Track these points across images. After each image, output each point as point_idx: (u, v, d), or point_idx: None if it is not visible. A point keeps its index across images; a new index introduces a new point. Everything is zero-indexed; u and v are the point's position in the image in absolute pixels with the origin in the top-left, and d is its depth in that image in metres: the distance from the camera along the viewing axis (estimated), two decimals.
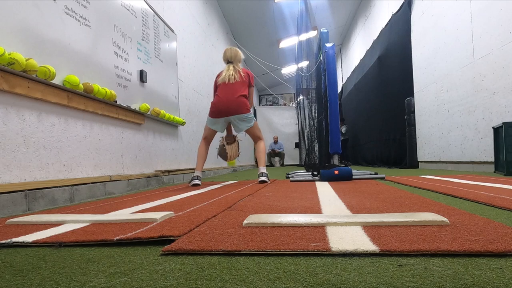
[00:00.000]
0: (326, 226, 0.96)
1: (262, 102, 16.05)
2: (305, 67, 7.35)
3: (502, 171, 3.18)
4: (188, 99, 4.94)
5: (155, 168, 3.51)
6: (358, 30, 9.55)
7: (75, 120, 2.23)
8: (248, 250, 0.75)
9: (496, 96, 3.54)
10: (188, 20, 5.18)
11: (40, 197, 1.83)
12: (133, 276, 0.64)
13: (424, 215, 1.01)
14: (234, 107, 3.03)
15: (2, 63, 1.58)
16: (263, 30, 9.28)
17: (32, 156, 1.83)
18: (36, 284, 0.61)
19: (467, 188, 1.94)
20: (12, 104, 1.72)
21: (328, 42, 3.69)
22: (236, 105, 3.03)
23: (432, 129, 5.10)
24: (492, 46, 3.56)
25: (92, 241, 0.90)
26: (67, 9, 2.14)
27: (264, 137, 14.68)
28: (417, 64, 5.50)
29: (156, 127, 3.62)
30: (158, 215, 1.18)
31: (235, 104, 3.03)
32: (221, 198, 1.82)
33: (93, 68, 2.40)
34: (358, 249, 0.72)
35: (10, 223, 1.22)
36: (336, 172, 3.03)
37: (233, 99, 3.03)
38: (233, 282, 0.58)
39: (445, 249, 0.70)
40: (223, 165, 6.90)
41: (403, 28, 5.89)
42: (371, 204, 1.42)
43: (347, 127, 10.28)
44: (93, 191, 2.32)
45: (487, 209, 1.24)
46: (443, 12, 4.57)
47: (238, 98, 3.03)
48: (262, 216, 1.08)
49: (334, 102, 3.34)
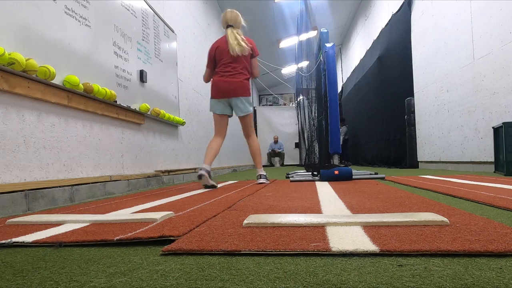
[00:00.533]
0: (326, 226, 0.96)
1: (262, 102, 16.05)
2: (305, 67, 7.35)
3: (502, 171, 3.18)
4: (188, 99, 4.94)
5: (155, 168, 3.51)
6: (358, 30, 9.55)
7: (75, 120, 2.23)
8: (248, 250, 0.75)
9: (496, 96, 3.54)
10: (188, 20, 5.18)
11: (40, 197, 1.83)
12: (133, 276, 0.64)
13: (424, 215, 1.01)
14: (234, 89, 2.82)
15: (2, 63, 1.58)
16: (263, 30, 9.28)
17: (32, 156, 1.83)
18: (36, 284, 0.61)
19: (467, 188, 1.94)
20: (12, 104, 1.72)
21: (328, 42, 3.69)
22: (237, 87, 2.82)
23: (432, 129, 5.10)
24: (492, 46, 3.56)
25: (92, 241, 0.90)
26: (67, 9, 2.14)
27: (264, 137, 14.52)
28: (417, 64, 5.50)
29: (156, 127, 3.62)
30: (158, 215, 1.18)
31: (236, 86, 2.82)
32: (221, 198, 1.82)
33: (93, 68, 2.40)
34: (358, 249, 0.72)
35: (10, 223, 1.22)
36: (336, 172, 3.03)
37: (236, 82, 2.82)
38: (233, 282, 0.58)
39: (445, 249, 0.70)
40: (223, 165, 6.90)
41: (403, 28, 5.89)
42: (371, 204, 1.42)
43: (347, 127, 10.28)
44: (93, 191, 2.32)
45: (487, 209, 1.24)
46: (443, 12, 4.57)
47: (241, 82, 2.83)
48: (262, 216, 1.08)
49: (334, 102, 3.34)
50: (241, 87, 2.83)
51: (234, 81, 2.80)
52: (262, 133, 13.46)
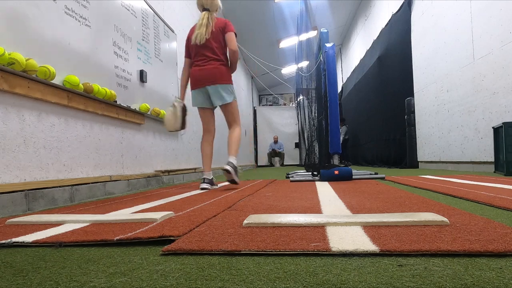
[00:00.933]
0: (326, 226, 0.96)
1: (262, 102, 16.05)
2: (305, 67, 7.35)
3: (502, 171, 3.18)
4: (188, 99, 4.94)
5: (155, 168, 3.51)
6: (358, 30, 9.55)
7: (75, 120, 2.23)
8: (248, 250, 0.75)
9: (496, 96, 3.54)
10: (188, 20, 5.17)
11: (40, 197, 1.83)
12: (133, 276, 0.64)
13: (424, 215, 1.01)
14: (208, 76, 2.55)
15: (2, 63, 1.58)
16: (263, 30, 9.28)
17: (32, 156, 1.83)
18: (36, 284, 0.61)
19: (467, 188, 1.94)
20: (12, 104, 1.72)
21: (328, 42, 3.69)
22: (212, 74, 2.55)
23: (432, 129, 5.10)
24: (492, 46, 3.56)
25: (92, 241, 0.90)
26: (67, 9, 2.14)
27: (264, 137, 14.41)
28: (417, 64, 5.50)
29: (156, 127, 3.62)
30: (158, 215, 1.18)
31: (211, 73, 2.55)
32: (221, 198, 1.82)
33: (93, 68, 2.40)
34: (358, 249, 0.72)
35: (10, 223, 1.22)
36: (336, 172, 3.03)
37: (210, 68, 2.55)
38: (233, 282, 0.58)
39: (445, 249, 0.70)
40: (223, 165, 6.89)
41: (403, 28, 5.89)
42: (371, 204, 1.42)
43: (347, 127, 10.28)
44: (93, 191, 2.32)
45: (487, 209, 1.24)
46: (443, 12, 4.57)
47: (216, 68, 2.55)
48: (262, 216, 1.08)
49: (334, 102, 3.34)
50: (215, 74, 2.55)
51: (208, 67, 2.55)
52: (262, 133, 13.46)
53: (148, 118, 3.41)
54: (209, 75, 2.55)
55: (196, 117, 5.23)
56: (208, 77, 2.55)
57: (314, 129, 5.47)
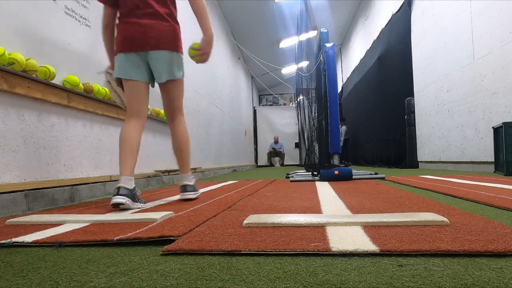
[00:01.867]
0: (326, 226, 0.96)
1: (262, 102, 16.05)
2: (305, 67, 7.35)
3: (502, 171, 3.18)
4: (188, 99, 4.94)
5: (155, 168, 3.51)
6: (358, 30, 9.55)
7: (75, 120, 2.23)
8: (248, 250, 0.75)
9: (496, 96, 3.54)
10: (188, 20, 5.17)
11: (40, 197, 1.83)
12: (133, 276, 0.64)
13: (424, 215, 1.01)
14: (155, 35, 1.70)
15: (2, 63, 1.58)
16: (263, 30, 9.28)
17: (32, 156, 1.83)
18: (36, 284, 0.61)
19: (467, 188, 1.94)
20: (12, 104, 1.72)
21: (328, 42, 3.69)
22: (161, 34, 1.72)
23: (432, 129, 5.10)
24: (492, 46, 3.56)
25: (92, 241, 0.90)
26: (67, 9, 2.14)
27: (264, 137, 14.42)
28: (417, 64, 5.50)
29: (156, 127, 3.62)
30: (158, 215, 1.18)
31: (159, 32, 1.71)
32: (221, 198, 1.82)
33: (93, 68, 2.40)
34: (358, 249, 0.72)
35: (10, 223, 1.22)
36: (336, 172, 3.03)
37: (158, 25, 1.72)
38: (233, 282, 0.58)
39: (445, 249, 0.70)
40: (223, 165, 6.90)
41: (403, 28, 5.90)
42: (371, 204, 1.42)
43: (347, 127, 10.29)
44: (93, 191, 2.32)
45: (487, 209, 1.24)
46: (443, 12, 4.57)
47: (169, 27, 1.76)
48: (262, 216, 1.08)
49: (334, 102, 3.34)
50: (167, 35, 1.74)
51: (153, 23, 1.70)
52: (262, 133, 13.46)
53: (148, 118, 3.40)
54: (157, 34, 1.70)
55: (196, 117, 5.25)
56: (156, 38, 1.70)
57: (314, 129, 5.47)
